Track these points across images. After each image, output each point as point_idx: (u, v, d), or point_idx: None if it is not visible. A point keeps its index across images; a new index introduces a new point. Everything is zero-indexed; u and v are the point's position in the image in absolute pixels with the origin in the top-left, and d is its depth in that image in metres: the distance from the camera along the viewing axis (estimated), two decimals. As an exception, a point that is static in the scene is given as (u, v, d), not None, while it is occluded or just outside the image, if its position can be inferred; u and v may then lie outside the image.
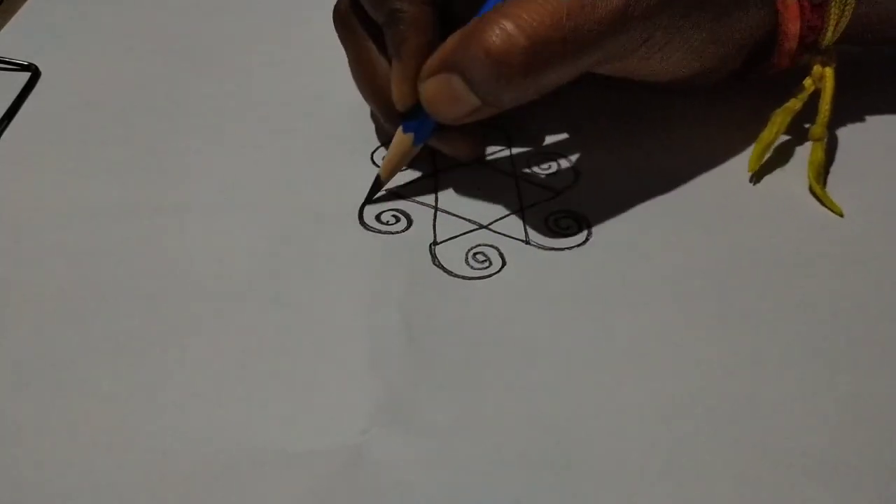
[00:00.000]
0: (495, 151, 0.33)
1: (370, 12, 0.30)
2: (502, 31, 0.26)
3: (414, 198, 0.31)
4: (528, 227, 0.30)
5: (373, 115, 0.35)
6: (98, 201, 0.31)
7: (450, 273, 0.28)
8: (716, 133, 0.33)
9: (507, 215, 0.30)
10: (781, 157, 0.33)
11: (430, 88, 0.28)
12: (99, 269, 0.29)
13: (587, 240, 0.29)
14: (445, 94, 0.27)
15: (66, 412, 0.25)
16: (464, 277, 0.28)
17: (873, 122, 0.34)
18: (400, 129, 0.30)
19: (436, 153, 0.32)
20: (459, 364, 0.26)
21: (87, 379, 0.25)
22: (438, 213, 0.31)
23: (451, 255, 0.29)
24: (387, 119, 0.31)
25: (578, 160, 0.32)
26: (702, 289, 0.28)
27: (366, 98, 0.32)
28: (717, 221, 0.30)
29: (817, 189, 0.31)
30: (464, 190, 0.32)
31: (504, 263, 0.29)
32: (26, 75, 0.37)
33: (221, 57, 0.38)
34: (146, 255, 0.29)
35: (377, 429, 0.24)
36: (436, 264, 0.29)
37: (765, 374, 0.25)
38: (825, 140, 0.31)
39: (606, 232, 0.30)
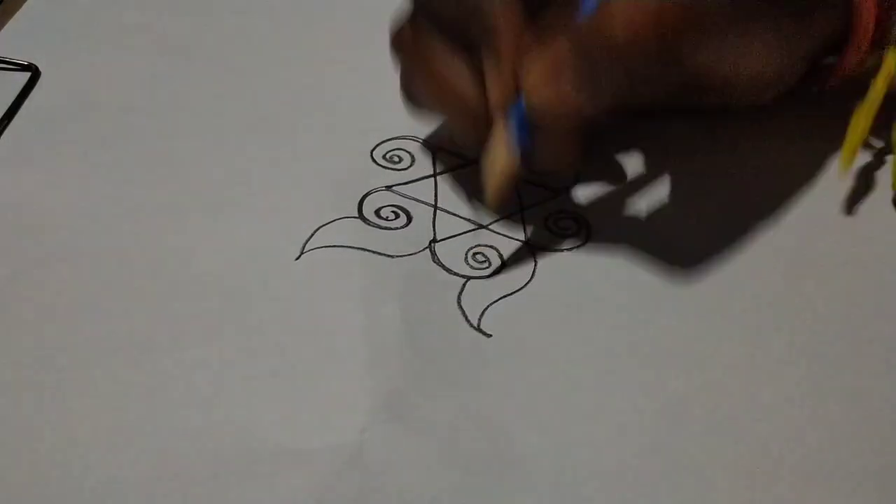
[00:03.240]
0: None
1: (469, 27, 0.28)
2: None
3: (413, 197, 0.31)
4: (527, 228, 0.30)
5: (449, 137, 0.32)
6: (98, 201, 0.31)
7: (449, 271, 0.28)
8: (713, 134, 0.33)
9: (507, 215, 0.30)
10: (769, 156, 0.33)
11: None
12: (99, 269, 0.29)
13: (587, 240, 0.29)
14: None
15: (66, 412, 0.25)
16: (463, 276, 0.28)
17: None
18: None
19: (435, 154, 0.32)
20: (459, 363, 0.26)
21: (87, 379, 0.25)
22: (438, 211, 0.31)
23: (451, 254, 0.29)
24: (475, 133, 0.29)
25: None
26: (701, 289, 0.28)
27: (451, 117, 0.30)
28: (716, 221, 0.30)
29: None
30: (463, 190, 0.32)
31: (503, 264, 0.29)
32: (26, 75, 0.37)
33: (221, 57, 0.38)
34: (146, 255, 0.29)
35: (376, 427, 0.24)
36: (435, 261, 0.29)
37: (765, 374, 0.25)
38: None
39: (606, 232, 0.30)
